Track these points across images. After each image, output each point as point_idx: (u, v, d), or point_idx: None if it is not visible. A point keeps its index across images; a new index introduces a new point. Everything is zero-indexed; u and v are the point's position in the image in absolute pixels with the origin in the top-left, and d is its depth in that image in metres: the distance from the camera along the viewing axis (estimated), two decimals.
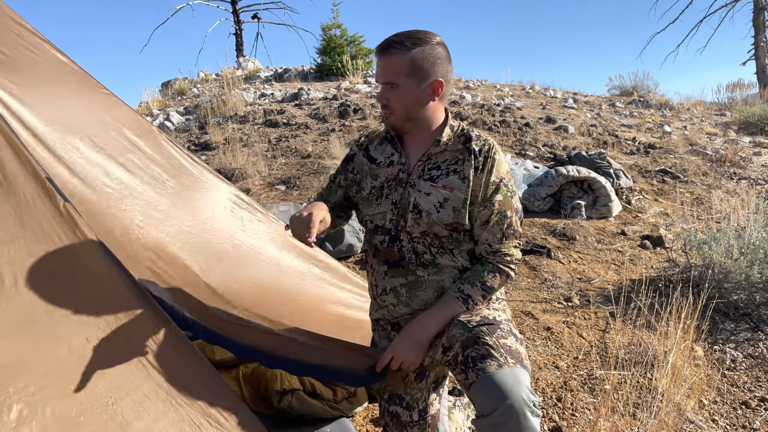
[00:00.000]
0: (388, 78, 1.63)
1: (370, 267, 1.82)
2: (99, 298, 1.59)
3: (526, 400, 1.37)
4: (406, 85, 1.62)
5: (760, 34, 18.13)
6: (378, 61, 1.65)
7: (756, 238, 3.67)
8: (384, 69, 1.63)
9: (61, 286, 1.55)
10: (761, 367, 2.98)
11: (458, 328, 1.60)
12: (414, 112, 1.66)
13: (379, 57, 1.64)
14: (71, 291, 1.56)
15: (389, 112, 1.67)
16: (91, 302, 1.56)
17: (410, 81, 1.62)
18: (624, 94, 13.82)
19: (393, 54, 1.61)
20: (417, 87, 1.63)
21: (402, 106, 1.65)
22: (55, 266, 1.56)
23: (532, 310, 3.63)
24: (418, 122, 1.69)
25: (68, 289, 1.56)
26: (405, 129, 1.72)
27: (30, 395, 1.34)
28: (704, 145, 8.83)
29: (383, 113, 1.69)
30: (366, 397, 2.43)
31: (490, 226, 1.67)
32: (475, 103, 10.14)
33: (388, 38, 1.64)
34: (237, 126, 8.68)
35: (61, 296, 1.53)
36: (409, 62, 1.60)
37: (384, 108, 1.67)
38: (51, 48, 2.21)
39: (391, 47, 1.61)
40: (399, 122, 1.68)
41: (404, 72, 1.61)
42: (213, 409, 1.56)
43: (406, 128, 1.71)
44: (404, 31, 1.64)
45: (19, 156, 1.64)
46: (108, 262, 1.65)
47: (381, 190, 1.74)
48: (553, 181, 5.67)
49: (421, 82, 1.63)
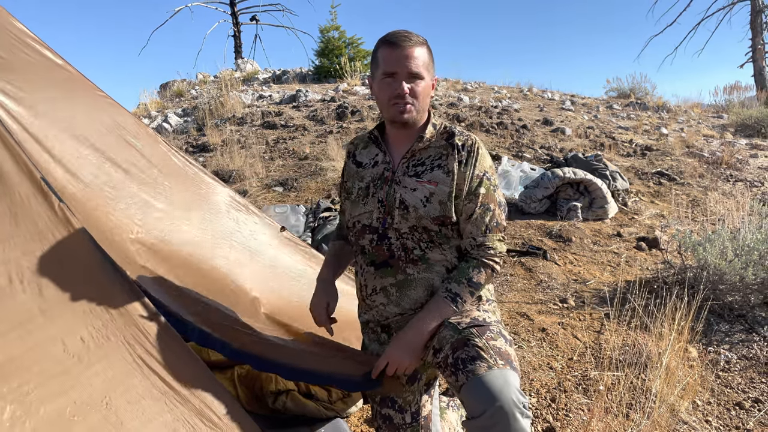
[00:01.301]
0: (418, 68, 1.63)
1: (359, 268, 1.81)
2: (94, 297, 1.59)
3: (516, 402, 1.38)
4: (426, 78, 1.67)
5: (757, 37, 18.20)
6: (399, 51, 1.62)
7: (750, 239, 3.69)
8: (410, 59, 1.62)
9: (56, 285, 1.55)
10: (755, 368, 2.99)
11: (448, 330, 1.60)
12: (426, 104, 1.71)
13: (400, 48, 1.62)
14: (66, 290, 1.56)
15: (410, 104, 1.65)
16: (86, 302, 1.57)
17: (428, 74, 1.68)
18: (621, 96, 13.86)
19: (415, 45, 1.63)
20: (430, 80, 1.70)
21: (423, 99, 1.68)
22: (50, 265, 1.57)
23: (527, 311, 3.64)
24: (422, 115, 1.72)
25: (63, 289, 1.56)
26: (415, 122, 1.71)
27: (24, 395, 1.35)
28: (701, 147, 8.86)
29: (399, 105, 1.64)
30: (360, 398, 2.43)
31: (473, 219, 1.68)
32: (473, 105, 10.16)
33: (400, 31, 1.65)
34: (235, 128, 8.69)
35: (56, 295, 1.54)
36: (426, 55, 1.67)
37: (401, 98, 1.63)
38: (47, 50, 2.22)
39: (412, 39, 1.63)
40: (416, 115, 1.69)
41: (426, 64, 1.66)
42: (207, 410, 1.57)
43: (415, 121, 1.71)
44: (401, 29, 1.66)
45: (14, 156, 1.65)
46: (103, 262, 1.65)
47: (367, 190, 1.75)
48: (550, 182, 5.68)
49: (431, 76, 1.70)
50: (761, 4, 18.14)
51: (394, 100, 1.64)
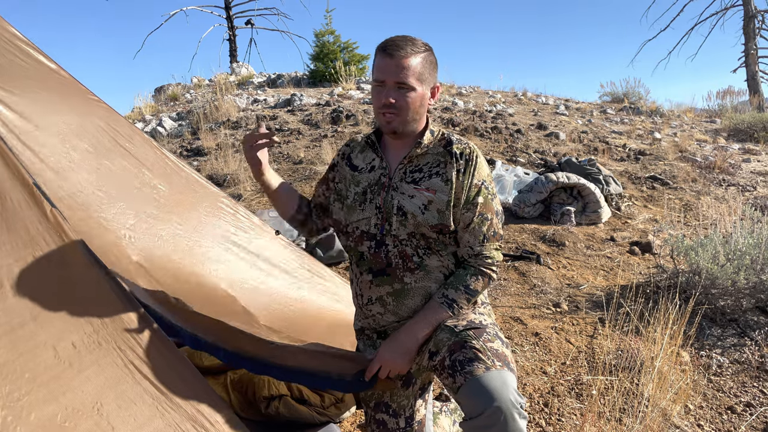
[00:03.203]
0: (404, 79, 1.59)
1: (355, 276, 1.80)
2: (85, 303, 1.59)
3: (514, 402, 1.39)
4: (417, 88, 1.62)
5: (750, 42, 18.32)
6: (388, 60, 1.60)
7: (743, 244, 3.71)
8: (399, 69, 1.59)
9: (48, 291, 1.55)
10: (747, 372, 3.01)
11: (445, 332, 1.61)
12: (417, 115, 1.67)
13: (390, 57, 1.59)
14: (57, 296, 1.56)
15: (395, 114, 1.62)
16: (77, 307, 1.57)
17: (420, 84, 1.63)
18: (615, 100, 13.92)
19: (409, 55, 1.59)
20: (424, 90, 1.65)
21: (411, 109, 1.63)
22: (42, 271, 1.57)
23: (520, 315, 3.65)
24: (413, 126, 1.69)
25: (54, 294, 1.56)
26: (403, 132, 1.68)
27: (14, 401, 1.34)
28: (694, 151, 8.90)
29: (386, 114, 1.63)
30: (354, 403, 2.43)
31: (471, 228, 1.68)
32: (467, 110, 10.19)
33: (397, 39, 1.62)
34: (229, 131, 8.68)
35: (48, 301, 1.53)
36: (422, 65, 1.62)
37: (387, 108, 1.62)
38: (40, 54, 2.22)
39: (407, 48, 1.60)
40: (402, 125, 1.65)
41: (417, 74, 1.61)
42: (199, 415, 1.56)
43: (405, 131, 1.68)
44: (401, 36, 1.63)
45: (5, 161, 1.65)
46: (95, 268, 1.65)
47: (364, 196, 1.74)
48: (543, 187, 5.70)
49: (427, 86, 1.66)
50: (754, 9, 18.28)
51: (382, 109, 1.63)
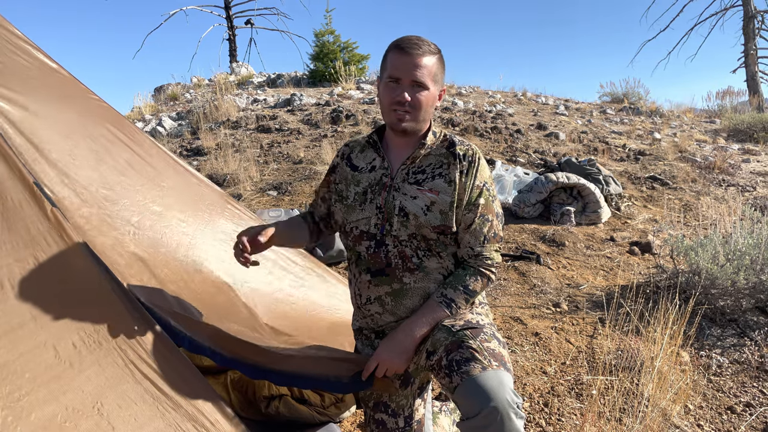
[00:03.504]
0: (420, 77, 1.61)
1: (353, 276, 1.80)
2: (86, 303, 1.59)
3: (510, 402, 1.39)
4: (431, 88, 1.65)
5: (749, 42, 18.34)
6: (406, 58, 1.61)
7: (742, 244, 3.71)
8: (415, 67, 1.60)
9: (48, 291, 1.55)
10: (747, 372, 3.01)
11: (442, 332, 1.61)
12: (427, 114, 1.68)
13: (408, 55, 1.61)
14: (58, 296, 1.56)
15: (407, 112, 1.63)
16: (77, 307, 1.57)
17: (434, 84, 1.66)
18: (615, 101, 13.94)
19: (425, 54, 1.62)
20: (436, 91, 1.68)
21: (423, 108, 1.65)
22: (42, 271, 1.57)
23: (520, 315, 3.65)
24: (421, 125, 1.70)
25: (55, 294, 1.56)
26: (412, 131, 1.70)
27: (15, 401, 1.34)
28: (693, 152, 8.91)
29: (398, 112, 1.64)
30: (354, 402, 2.43)
31: (472, 229, 1.68)
32: (467, 110, 10.19)
33: (413, 38, 1.63)
34: (229, 131, 8.68)
35: (48, 301, 1.53)
36: (436, 66, 1.65)
37: (401, 105, 1.62)
38: (40, 54, 2.22)
39: (423, 47, 1.62)
40: (413, 123, 1.67)
41: (432, 74, 1.64)
42: (200, 415, 1.56)
43: (413, 130, 1.69)
44: (414, 35, 1.65)
45: (6, 160, 1.65)
46: (95, 268, 1.65)
47: (364, 195, 1.74)
48: (543, 187, 5.71)
49: (438, 87, 1.69)
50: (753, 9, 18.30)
51: (395, 106, 1.64)
